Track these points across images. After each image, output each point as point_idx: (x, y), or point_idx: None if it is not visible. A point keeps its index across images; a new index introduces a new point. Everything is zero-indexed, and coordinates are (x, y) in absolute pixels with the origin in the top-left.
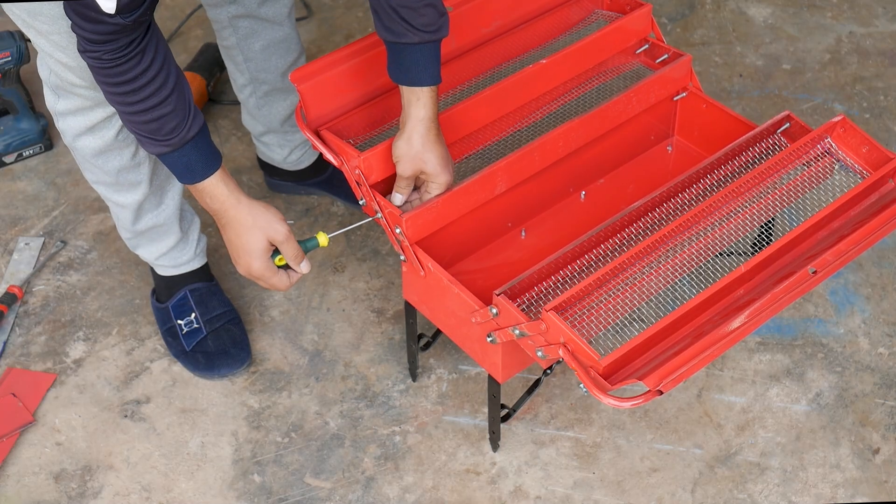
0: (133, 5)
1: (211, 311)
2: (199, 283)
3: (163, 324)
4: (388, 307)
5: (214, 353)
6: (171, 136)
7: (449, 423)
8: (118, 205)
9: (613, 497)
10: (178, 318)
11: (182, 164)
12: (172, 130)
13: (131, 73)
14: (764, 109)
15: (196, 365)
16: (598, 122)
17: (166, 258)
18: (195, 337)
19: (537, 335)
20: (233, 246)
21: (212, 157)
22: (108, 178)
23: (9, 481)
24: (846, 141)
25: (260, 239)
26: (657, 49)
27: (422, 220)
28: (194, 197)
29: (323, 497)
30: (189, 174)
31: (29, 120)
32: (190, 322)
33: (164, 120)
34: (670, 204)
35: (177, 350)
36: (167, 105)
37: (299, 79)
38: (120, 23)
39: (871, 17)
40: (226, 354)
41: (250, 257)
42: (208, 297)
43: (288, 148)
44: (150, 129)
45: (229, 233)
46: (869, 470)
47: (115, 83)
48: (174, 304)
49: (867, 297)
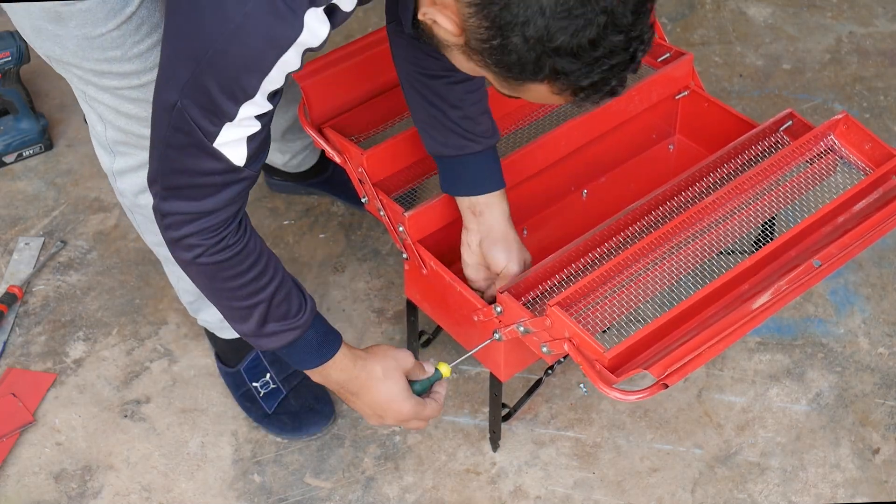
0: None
1: (287, 369)
2: None
3: (236, 389)
4: (389, 307)
5: (299, 411)
6: (301, 313)
7: (449, 423)
8: None
9: (613, 497)
10: (253, 380)
11: (317, 341)
12: (300, 306)
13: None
14: (764, 109)
15: (282, 427)
16: (599, 121)
17: None
18: (275, 398)
19: (542, 331)
20: (375, 405)
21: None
22: None
23: (9, 481)
24: (849, 138)
25: (399, 380)
26: (659, 48)
27: (424, 218)
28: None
29: (323, 497)
30: (326, 347)
31: (29, 120)
32: (266, 383)
33: (293, 293)
34: (673, 202)
35: (258, 415)
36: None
37: (302, 76)
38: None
39: (871, 17)
40: (311, 411)
41: (399, 404)
42: None
43: (289, 154)
44: (281, 312)
45: (365, 395)
46: (869, 470)
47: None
48: (246, 367)
49: (867, 297)
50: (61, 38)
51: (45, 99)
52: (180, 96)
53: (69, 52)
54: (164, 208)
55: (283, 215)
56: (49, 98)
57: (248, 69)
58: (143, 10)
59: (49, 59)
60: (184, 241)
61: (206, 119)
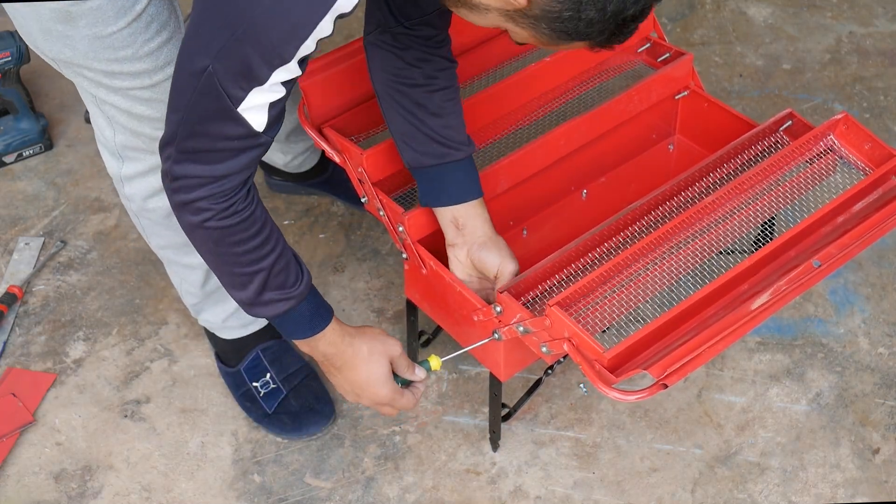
0: (279, 117)
1: (287, 369)
2: (270, 342)
3: (236, 389)
4: (388, 307)
5: (299, 411)
6: (298, 284)
7: (449, 423)
8: (187, 267)
9: (613, 497)
10: (253, 380)
11: (309, 312)
12: (297, 277)
13: (258, 212)
14: (764, 109)
15: (282, 427)
16: (599, 121)
17: (234, 319)
18: (275, 398)
19: (542, 331)
20: (354, 383)
21: (324, 305)
22: (178, 238)
23: (9, 481)
24: (849, 138)
25: (383, 364)
26: (659, 48)
27: (424, 218)
28: (301, 349)
29: (323, 497)
30: (318, 319)
31: (29, 120)
32: (266, 383)
33: (291, 264)
34: (672, 202)
35: (258, 414)
36: (286, 247)
37: (302, 76)
38: (266, 143)
39: (871, 17)
40: (311, 411)
41: (378, 386)
42: (282, 355)
43: (291, 155)
44: (279, 281)
45: (347, 372)
46: (869, 470)
47: (247, 237)
48: (246, 367)
49: (867, 297)
50: (71, 39)
51: (45, 99)
52: (213, 61)
53: (80, 54)
54: (177, 171)
55: (283, 215)
56: (49, 98)
57: (287, 35)
58: (151, 7)
59: (58, 63)
60: (193, 205)
61: (237, 84)
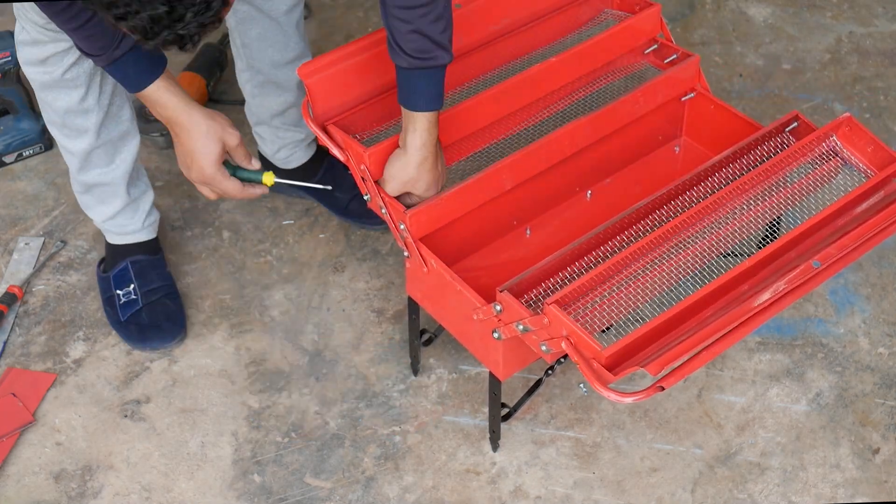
0: None
1: (149, 284)
2: (141, 256)
3: (103, 292)
4: (389, 307)
5: (147, 325)
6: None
7: (449, 422)
8: (68, 151)
9: (613, 497)
10: (117, 288)
11: (119, 76)
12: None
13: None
14: (764, 109)
15: (129, 335)
16: (605, 122)
17: (112, 223)
18: (131, 308)
19: (541, 329)
20: (186, 152)
21: (148, 69)
22: (56, 118)
23: (9, 481)
24: (851, 140)
25: (214, 143)
26: (666, 49)
27: (426, 216)
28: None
29: (323, 497)
30: (127, 83)
31: (29, 120)
32: (128, 293)
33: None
34: (676, 203)
35: (113, 319)
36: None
37: (307, 73)
38: None
39: (871, 17)
40: (158, 328)
41: (204, 161)
42: (148, 270)
43: (278, 144)
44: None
45: (182, 139)
46: (869, 470)
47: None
48: (115, 274)
49: (867, 297)
50: None
51: None
52: None
53: None
54: None
55: (283, 215)
56: None
57: None
58: None
59: None
60: None
61: None
